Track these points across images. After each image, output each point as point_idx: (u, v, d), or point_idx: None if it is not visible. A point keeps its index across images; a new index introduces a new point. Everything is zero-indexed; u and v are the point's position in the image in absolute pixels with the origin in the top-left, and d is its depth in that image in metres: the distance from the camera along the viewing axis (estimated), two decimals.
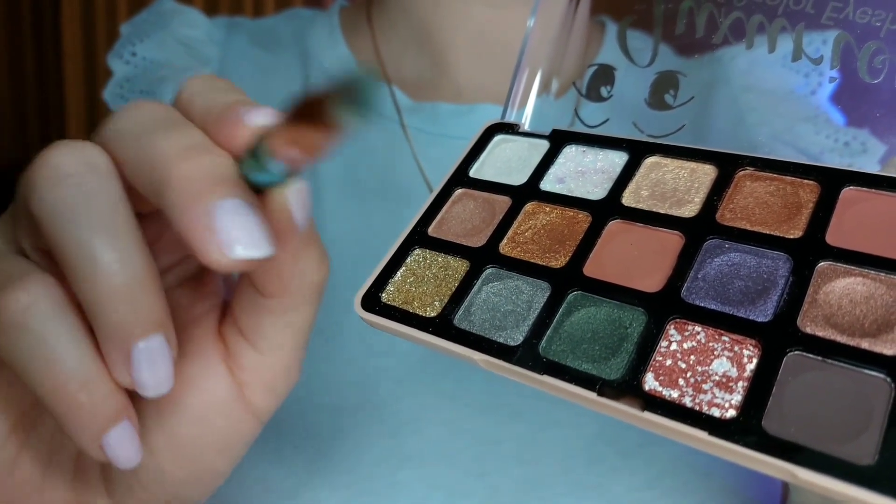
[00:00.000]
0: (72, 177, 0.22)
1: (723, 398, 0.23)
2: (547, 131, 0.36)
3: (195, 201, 0.21)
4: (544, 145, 0.36)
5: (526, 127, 0.37)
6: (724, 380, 0.24)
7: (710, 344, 0.25)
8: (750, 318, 0.25)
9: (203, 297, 0.30)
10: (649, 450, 0.41)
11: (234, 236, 0.21)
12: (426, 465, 0.41)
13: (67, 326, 0.23)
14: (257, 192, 0.23)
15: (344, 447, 0.42)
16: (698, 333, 0.25)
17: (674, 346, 0.25)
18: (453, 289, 0.30)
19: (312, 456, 0.42)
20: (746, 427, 0.22)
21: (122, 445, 0.23)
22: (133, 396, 0.24)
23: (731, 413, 0.23)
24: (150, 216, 0.26)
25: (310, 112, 0.18)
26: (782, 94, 0.43)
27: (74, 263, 0.22)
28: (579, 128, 0.37)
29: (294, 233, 0.24)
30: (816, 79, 0.42)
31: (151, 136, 0.23)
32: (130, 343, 0.22)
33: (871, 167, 0.43)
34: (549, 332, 0.27)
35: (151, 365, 0.22)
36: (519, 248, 0.31)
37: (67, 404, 0.22)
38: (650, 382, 0.24)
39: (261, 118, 0.23)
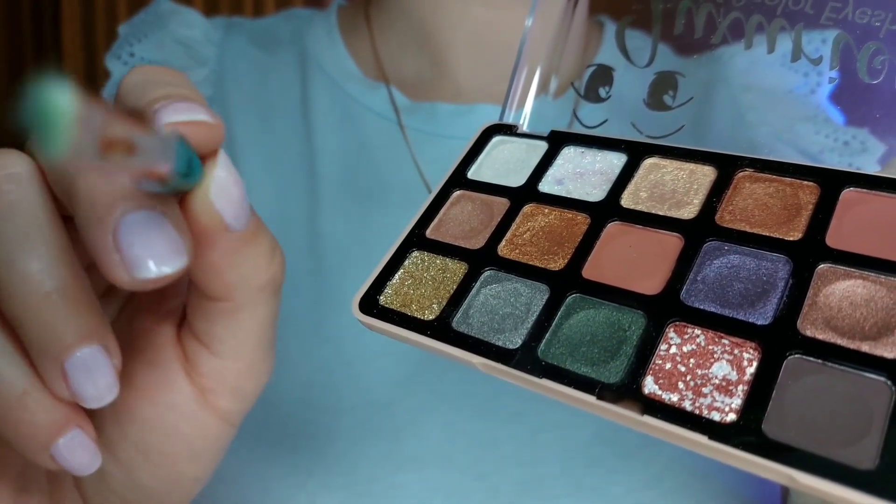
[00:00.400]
0: None
1: (723, 402, 0.23)
2: (545, 132, 0.36)
3: (98, 218, 0.19)
4: (542, 146, 0.36)
5: (524, 128, 0.37)
6: (723, 383, 0.23)
7: (710, 347, 0.25)
8: (750, 320, 0.25)
9: (160, 301, 0.28)
10: (648, 451, 0.41)
11: (137, 254, 0.19)
12: (425, 467, 0.41)
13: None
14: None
15: (342, 449, 0.42)
16: (698, 336, 0.25)
17: (673, 350, 0.25)
18: (451, 291, 0.30)
19: (311, 458, 0.42)
20: (746, 431, 0.22)
21: (74, 454, 0.22)
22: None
23: (732, 417, 0.22)
24: None
25: None
26: (781, 94, 0.43)
27: None
28: (578, 128, 0.36)
29: (221, 233, 0.22)
30: (815, 78, 0.42)
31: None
32: (62, 356, 0.21)
33: (871, 166, 0.43)
34: (547, 334, 0.27)
35: (89, 377, 0.21)
36: (517, 251, 0.31)
37: (5, 421, 0.22)
38: (649, 386, 0.24)
39: (175, 115, 0.21)
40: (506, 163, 0.36)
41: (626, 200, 0.31)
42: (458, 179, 0.35)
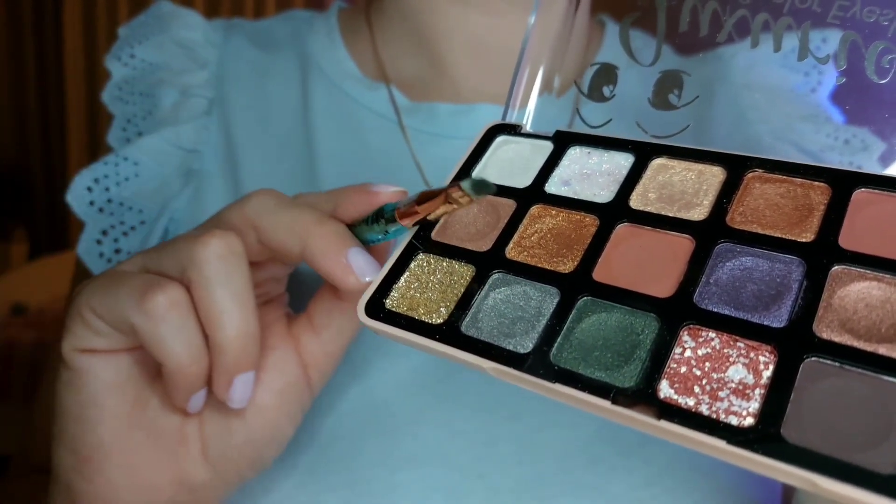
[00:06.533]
0: (222, 259, 0.32)
1: (740, 406, 0.23)
2: (550, 132, 0.36)
3: (333, 251, 0.32)
4: (548, 147, 0.35)
5: (528, 128, 0.37)
6: (740, 387, 0.23)
7: (725, 350, 0.24)
8: (764, 323, 0.25)
9: (273, 309, 0.39)
10: (648, 449, 0.41)
11: (362, 268, 0.32)
12: (425, 466, 0.41)
13: (195, 330, 0.32)
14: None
15: (342, 448, 0.42)
16: (713, 340, 0.25)
17: (688, 353, 0.25)
18: (459, 295, 0.30)
19: (311, 457, 0.41)
20: (766, 435, 0.22)
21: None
22: None
23: (749, 421, 0.22)
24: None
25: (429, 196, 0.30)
26: (782, 92, 0.43)
27: (212, 313, 0.31)
28: (581, 128, 0.36)
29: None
30: (816, 77, 0.41)
31: (287, 211, 0.33)
32: (234, 375, 0.32)
33: (871, 164, 0.42)
34: (559, 339, 0.27)
35: (242, 390, 0.33)
36: (525, 253, 0.31)
37: (183, 373, 0.32)
38: (665, 390, 0.24)
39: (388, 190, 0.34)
40: (511, 163, 0.35)
41: (635, 202, 0.31)
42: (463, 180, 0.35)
